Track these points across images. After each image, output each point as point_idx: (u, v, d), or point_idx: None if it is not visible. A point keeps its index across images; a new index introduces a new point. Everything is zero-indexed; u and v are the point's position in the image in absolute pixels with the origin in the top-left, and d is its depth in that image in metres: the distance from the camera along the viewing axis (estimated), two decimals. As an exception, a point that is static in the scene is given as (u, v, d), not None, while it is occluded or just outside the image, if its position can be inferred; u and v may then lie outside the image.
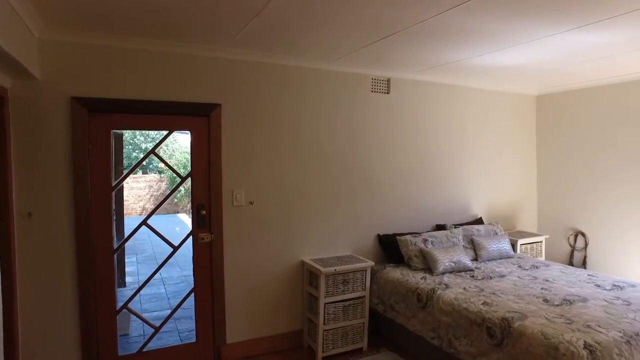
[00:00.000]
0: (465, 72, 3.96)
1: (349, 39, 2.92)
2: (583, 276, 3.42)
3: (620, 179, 4.32)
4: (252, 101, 3.37)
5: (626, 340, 2.30)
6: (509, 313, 2.61)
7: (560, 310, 2.66)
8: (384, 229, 4.02)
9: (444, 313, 2.93)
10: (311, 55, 3.37)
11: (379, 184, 3.99)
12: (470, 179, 4.62)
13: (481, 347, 2.61)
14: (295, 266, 3.59)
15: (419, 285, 3.26)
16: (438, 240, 3.84)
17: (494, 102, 4.77)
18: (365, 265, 3.48)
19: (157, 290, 5.50)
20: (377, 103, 3.96)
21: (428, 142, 4.30)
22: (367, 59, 3.49)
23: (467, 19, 2.49)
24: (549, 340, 2.28)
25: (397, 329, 3.39)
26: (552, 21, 2.53)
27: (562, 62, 3.57)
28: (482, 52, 3.23)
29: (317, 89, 3.64)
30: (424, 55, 3.36)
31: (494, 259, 3.96)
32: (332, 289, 3.34)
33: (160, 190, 13.86)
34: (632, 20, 2.51)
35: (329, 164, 3.72)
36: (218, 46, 3.11)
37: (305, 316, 3.58)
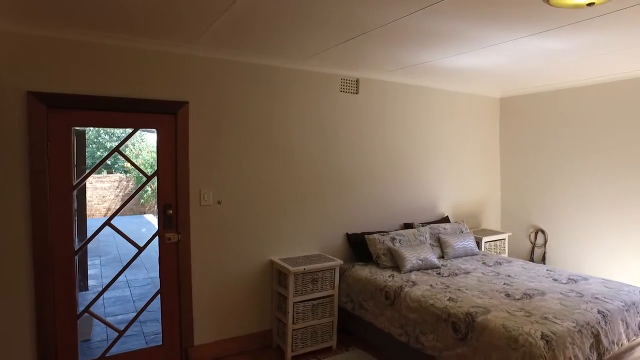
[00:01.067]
0: (432, 74, 4.05)
1: (319, 39, 2.94)
2: (542, 271, 3.56)
3: (576, 179, 4.53)
4: (221, 99, 3.33)
5: (578, 330, 2.43)
6: (473, 308, 2.69)
7: (520, 304, 2.76)
8: (352, 228, 4.05)
9: (411, 310, 2.98)
10: (281, 54, 3.37)
11: (347, 183, 4.03)
12: (437, 178, 4.73)
13: (447, 341, 2.67)
14: (264, 266, 3.57)
15: (387, 283, 3.30)
16: (406, 238, 3.91)
17: (460, 103, 4.90)
18: (334, 264, 3.50)
19: (122, 293, 5.34)
20: (346, 103, 3.99)
21: (396, 142, 4.37)
22: (336, 59, 3.51)
23: (433, 21, 2.55)
24: (509, 332, 2.36)
25: (365, 327, 3.43)
26: (513, 27, 2.63)
27: (523, 66, 3.71)
28: (448, 54, 3.31)
29: (287, 88, 3.63)
30: (392, 57, 3.41)
31: (459, 257, 4.07)
32: (301, 288, 3.34)
33: (126, 190, 13.45)
34: (589, 27, 2.64)
35: (298, 163, 3.72)
36: (186, 43, 3.06)
37: (275, 316, 3.56)
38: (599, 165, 4.34)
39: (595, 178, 4.38)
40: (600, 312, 2.65)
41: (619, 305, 2.78)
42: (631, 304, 2.86)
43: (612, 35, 2.83)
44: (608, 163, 4.26)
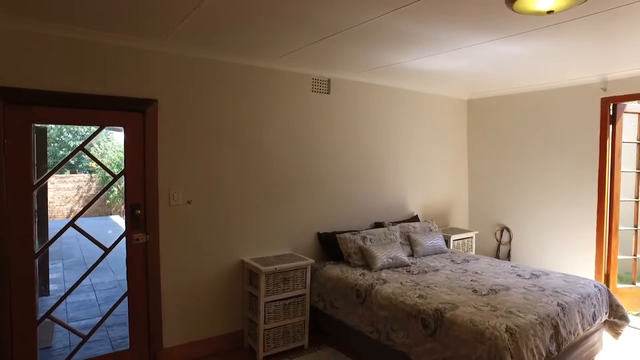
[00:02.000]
0: (403, 75, 4.12)
1: (290, 38, 2.94)
2: (507, 267, 3.69)
3: (538, 179, 4.73)
4: (191, 97, 3.28)
5: (540, 322, 2.54)
6: (441, 304, 2.76)
7: (487, 299, 2.85)
8: (323, 227, 4.07)
9: (381, 307, 3.02)
10: (252, 53, 3.34)
11: (319, 182, 4.05)
12: (407, 178, 4.81)
13: (416, 337, 2.73)
14: (235, 266, 3.54)
15: (358, 282, 3.34)
16: (376, 237, 3.96)
17: (429, 104, 5.01)
18: (306, 263, 3.50)
19: (87, 297, 5.16)
20: (317, 103, 4.01)
21: (367, 142, 4.42)
22: (308, 59, 3.52)
23: (403, 24, 2.60)
24: (476, 327, 2.43)
25: (337, 325, 3.45)
26: (479, 31, 2.71)
27: (488, 70, 3.84)
28: (417, 56, 3.38)
29: (258, 87, 3.62)
30: (363, 57, 3.45)
31: (429, 255, 4.15)
32: (273, 288, 3.33)
33: (90, 191, 12.99)
34: (549, 34, 2.76)
35: (269, 163, 3.71)
36: (155, 40, 2.99)
37: (246, 316, 3.53)
38: (558, 165, 4.54)
39: (554, 178, 4.58)
40: (560, 304, 2.78)
41: (576, 298, 2.92)
42: (586, 295, 3.01)
43: (569, 42, 2.97)
44: (565, 164, 4.47)
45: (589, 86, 4.23)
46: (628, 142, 4.37)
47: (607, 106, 4.15)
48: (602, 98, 4.16)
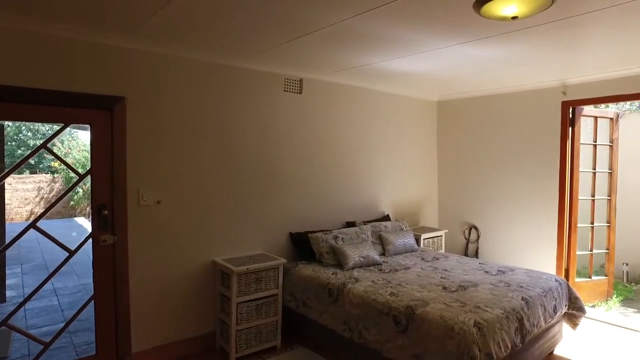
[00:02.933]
0: (374, 76, 4.18)
1: (262, 37, 2.93)
2: (475, 265, 3.80)
3: (505, 178, 4.90)
4: (161, 95, 3.21)
5: (506, 316, 2.64)
6: (413, 301, 2.81)
7: (456, 295, 2.93)
8: (296, 226, 4.08)
9: (354, 305, 3.05)
10: (224, 51, 3.31)
11: (291, 182, 4.05)
12: (378, 178, 4.88)
13: (388, 334, 2.77)
14: (207, 266, 3.49)
15: (330, 281, 3.36)
16: (348, 236, 4.00)
17: (400, 105, 5.10)
18: (278, 263, 3.49)
19: (49, 302, 4.95)
20: (289, 102, 4.01)
21: (339, 142, 4.45)
22: (280, 58, 3.51)
23: (375, 26, 2.64)
24: (446, 322, 2.50)
25: (309, 325, 3.46)
26: (448, 34, 2.79)
27: (457, 72, 3.95)
28: (388, 58, 3.43)
29: (230, 86, 3.58)
30: (335, 58, 3.48)
31: (400, 253, 4.22)
32: (245, 288, 3.30)
33: (52, 192, 12.46)
34: (513, 39, 2.87)
35: (241, 162, 3.68)
36: (123, 35, 2.90)
37: (218, 317, 3.49)
38: (522, 166, 4.72)
39: (519, 178, 4.76)
40: (524, 298, 2.89)
41: (538, 292, 3.05)
42: (548, 289, 3.15)
43: (533, 47, 3.10)
44: (529, 164, 4.65)
45: (551, 90, 4.42)
46: (585, 144, 4.60)
47: (567, 109, 4.35)
48: (562, 102, 4.36)
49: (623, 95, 4.01)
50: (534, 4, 2.17)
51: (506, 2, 2.13)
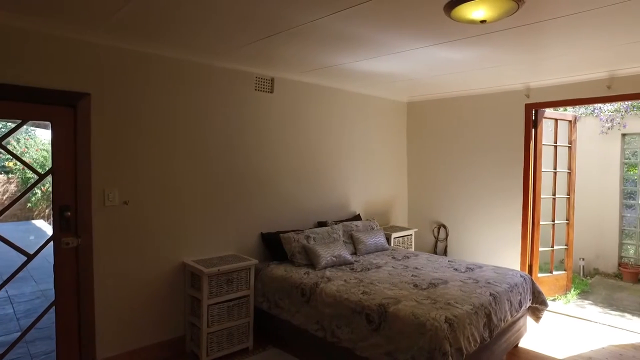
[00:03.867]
0: (345, 77, 4.20)
1: (234, 35, 2.88)
2: (444, 262, 3.89)
3: (472, 178, 5.04)
4: (129, 92, 3.10)
5: (475, 312, 2.72)
6: (385, 299, 2.84)
7: (427, 292, 2.98)
8: (267, 227, 4.04)
9: (326, 305, 3.05)
10: (194, 48, 3.22)
11: (262, 182, 4.01)
12: (349, 178, 4.91)
13: (361, 333, 2.79)
14: (176, 269, 3.40)
15: (303, 280, 3.35)
16: (320, 236, 4.00)
17: (371, 106, 5.15)
18: (249, 263, 3.45)
19: (3, 311, 4.67)
20: (261, 102, 3.97)
21: (310, 142, 4.45)
22: (251, 57, 3.47)
23: (346, 26, 2.64)
24: (418, 319, 2.54)
25: (282, 325, 3.43)
26: (419, 36, 2.83)
27: (426, 74, 4.02)
28: (358, 58, 3.46)
29: (200, 84, 3.51)
30: (307, 57, 3.47)
31: (371, 252, 4.26)
32: (216, 290, 3.24)
33: (7, 193, 11.81)
34: (481, 42, 2.95)
35: (211, 161, 3.62)
36: (88, 29, 2.77)
37: (188, 320, 3.41)
38: (488, 166, 4.87)
39: (485, 178, 4.90)
40: (492, 294, 2.98)
41: (505, 288, 3.15)
42: (514, 285, 3.26)
43: (499, 51, 3.19)
44: (495, 164, 4.80)
45: (515, 93, 4.58)
46: (547, 145, 4.79)
47: (530, 111, 4.52)
48: (526, 104, 4.53)
49: (581, 99, 4.21)
50: (501, 9, 2.24)
51: (475, 6, 2.19)
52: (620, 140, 5.91)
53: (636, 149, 5.98)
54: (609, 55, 3.33)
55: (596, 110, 5.93)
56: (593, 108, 5.92)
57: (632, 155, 6.01)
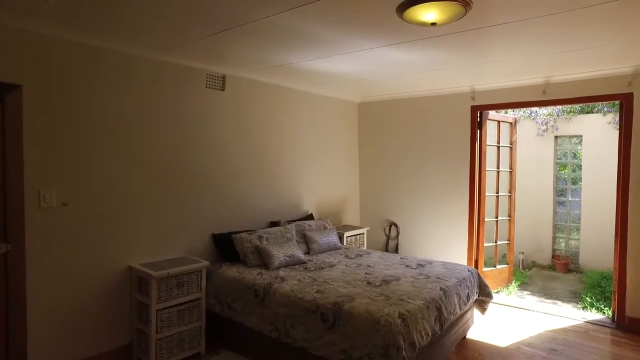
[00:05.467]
0: (298, 75, 4.17)
1: (183, 29, 2.76)
2: (396, 260, 3.97)
3: (422, 177, 5.19)
4: (67, 86, 2.89)
5: (426, 306, 2.79)
6: (339, 298, 2.85)
7: (380, 289, 3.03)
8: (219, 227, 3.94)
9: (281, 305, 3.02)
10: (140, 42, 3.06)
11: (213, 182, 3.90)
12: (302, 177, 4.90)
13: (316, 332, 2.78)
14: (122, 273, 3.22)
15: (256, 281, 3.29)
16: (273, 236, 3.95)
17: (323, 105, 5.17)
18: (200, 265, 3.34)
19: None
20: (212, 99, 3.86)
21: (262, 141, 4.39)
22: (201, 53, 3.35)
23: (299, 23, 2.62)
24: (372, 316, 2.57)
25: (235, 328, 3.35)
26: (371, 36, 2.86)
27: (377, 74, 4.09)
28: (311, 57, 3.45)
29: (146, 80, 3.35)
30: (259, 55, 3.41)
31: (324, 251, 4.27)
32: (165, 294, 3.11)
33: None
34: (431, 45, 3.04)
35: (159, 160, 3.46)
36: (18, 14, 2.54)
37: (135, 327, 3.24)
38: (437, 165, 5.04)
39: (434, 176, 5.07)
40: (442, 289, 3.08)
41: (454, 282, 3.27)
42: (462, 279, 3.39)
43: (448, 54, 3.31)
44: (443, 164, 4.98)
45: (462, 95, 4.78)
46: (491, 145, 5.04)
47: (475, 113, 4.74)
48: (471, 106, 4.74)
49: (520, 102, 4.47)
50: (450, 13, 2.32)
51: (427, 8, 2.25)
52: (554, 142, 6.35)
53: (566, 150, 6.45)
54: (545, 62, 3.56)
55: (533, 113, 6.33)
56: (530, 111, 6.32)
57: (563, 156, 6.48)
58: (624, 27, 2.70)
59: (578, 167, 6.33)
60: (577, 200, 6.27)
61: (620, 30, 2.75)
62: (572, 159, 6.44)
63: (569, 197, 6.41)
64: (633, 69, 3.76)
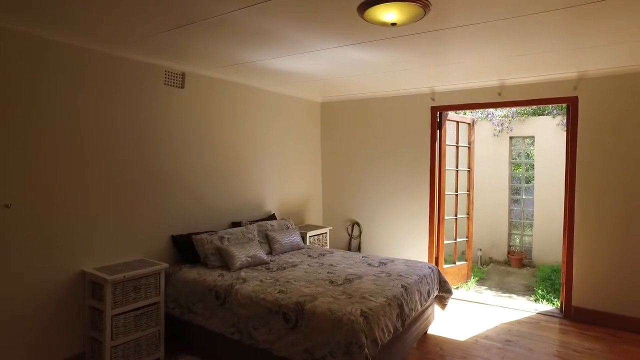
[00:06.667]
0: (259, 74, 4.12)
1: (141, 23, 2.65)
2: (359, 258, 4.00)
3: (383, 176, 5.26)
4: (14, 80, 2.71)
5: (388, 303, 2.83)
6: (301, 297, 2.84)
7: (342, 288, 3.04)
8: (178, 229, 3.83)
9: (242, 306, 2.97)
10: (93, 35, 2.91)
11: (173, 181, 3.79)
12: (263, 177, 4.85)
13: (279, 332, 2.75)
14: (74, 278, 3.06)
15: (217, 283, 3.22)
16: (234, 237, 3.89)
17: (285, 105, 5.14)
18: (159, 268, 3.24)
19: None
20: (170, 97, 3.75)
21: (223, 141, 4.31)
22: (160, 49, 3.24)
23: (260, 20, 2.58)
24: (334, 314, 2.57)
25: (196, 331, 3.27)
26: (333, 36, 2.87)
27: (339, 74, 4.11)
28: (273, 55, 3.41)
29: (101, 76, 3.20)
30: (219, 52, 3.34)
31: (287, 251, 4.25)
32: (121, 299, 2.98)
33: None
34: (393, 45, 3.08)
35: (115, 159, 3.32)
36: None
37: (88, 335, 3.09)
38: (399, 164, 5.14)
39: (396, 176, 5.16)
40: (403, 286, 3.13)
41: (415, 279, 3.33)
42: (423, 276, 3.47)
43: (408, 55, 3.37)
44: (404, 163, 5.08)
45: (423, 96, 4.89)
46: (450, 145, 5.18)
47: (435, 114, 4.86)
48: (431, 107, 4.85)
49: (478, 104, 4.62)
50: (410, 13, 2.36)
51: (387, 8, 2.27)
52: (509, 142, 6.62)
53: (520, 151, 6.75)
54: (500, 65, 3.70)
55: (490, 115, 6.57)
56: (487, 113, 6.56)
57: (517, 155, 6.77)
58: (569, 34, 2.85)
59: (531, 166, 6.63)
60: (530, 198, 6.57)
61: (566, 36, 2.90)
62: (525, 158, 6.73)
63: (523, 195, 6.70)
64: (578, 74, 3.97)
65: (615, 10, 2.41)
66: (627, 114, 3.84)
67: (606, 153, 3.95)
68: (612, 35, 2.87)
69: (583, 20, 2.58)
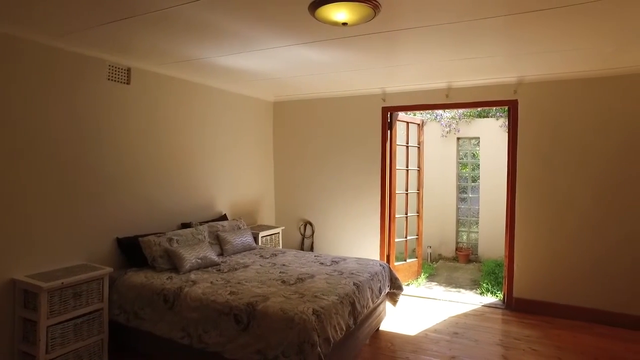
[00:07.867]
0: (209, 71, 4.02)
1: (81, 12, 2.48)
2: (311, 258, 4.00)
3: (335, 176, 5.31)
4: None
5: (340, 301, 2.85)
6: (253, 298, 2.79)
7: (295, 287, 3.03)
8: (124, 231, 3.65)
9: (192, 309, 2.88)
10: (29, 23, 2.68)
11: (117, 181, 3.60)
12: (214, 177, 4.73)
13: (230, 334, 2.69)
14: (3, 288, 2.82)
15: (165, 286, 3.10)
16: (184, 238, 3.77)
17: (237, 103, 5.05)
18: (102, 272, 3.07)
19: None
20: (114, 94, 3.56)
21: (172, 139, 4.16)
22: (102, 42, 3.07)
23: (209, 15, 2.51)
24: (286, 314, 2.55)
25: (143, 337, 3.13)
26: (284, 34, 2.85)
27: (291, 74, 4.10)
28: (222, 53, 3.34)
29: (35, 67, 2.98)
30: (167, 47, 3.22)
31: (238, 252, 4.17)
32: (59, 307, 2.79)
33: None
34: (344, 45, 3.11)
35: (51, 158, 3.10)
36: None
37: (19, 349, 2.85)
38: (350, 164, 5.20)
39: (347, 175, 5.22)
40: (355, 284, 3.17)
41: (367, 277, 3.38)
42: (374, 274, 3.52)
43: (359, 55, 3.42)
44: (356, 163, 5.16)
45: (374, 96, 4.98)
46: (400, 145, 5.32)
47: (386, 114, 4.96)
48: (382, 107, 4.95)
49: (427, 105, 4.77)
50: (360, 14, 2.38)
51: (337, 8, 2.29)
52: (456, 143, 6.89)
53: (467, 151, 7.05)
54: (447, 67, 3.84)
55: (438, 116, 6.81)
56: (436, 114, 6.79)
57: (464, 156, 7.07)
58: (510, 40, 3.00)
59: (477, 166, 6.94)
60: (476, 197, 6.87)
61: (508, 42, 3.05)
62: (471, 158, 7.04)
63: (469, 194, 7.01)
64: (517, 79, 4.21)
65: (549, 20, 2.57)
66: (562, 118, 4.11)
67: (544, 155, 4.20)
68: (547, 43, 3.06)
69: (523, 28, 2.73)
